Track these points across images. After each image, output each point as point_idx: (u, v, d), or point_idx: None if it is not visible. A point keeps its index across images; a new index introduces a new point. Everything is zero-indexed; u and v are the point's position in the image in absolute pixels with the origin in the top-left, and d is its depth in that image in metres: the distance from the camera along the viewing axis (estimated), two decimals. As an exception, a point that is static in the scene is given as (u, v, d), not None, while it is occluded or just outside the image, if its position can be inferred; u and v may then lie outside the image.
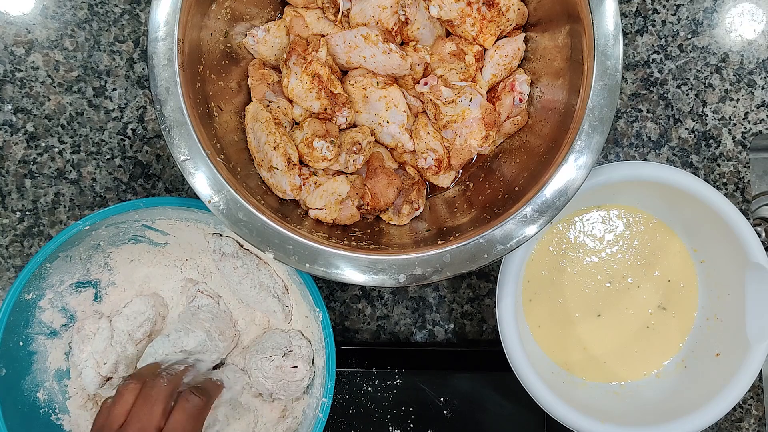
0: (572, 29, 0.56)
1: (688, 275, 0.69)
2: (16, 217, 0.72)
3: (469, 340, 0.74)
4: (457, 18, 0.60)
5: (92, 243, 0.63)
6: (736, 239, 0.63)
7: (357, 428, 0.70)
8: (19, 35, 0.72)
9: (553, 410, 0.61)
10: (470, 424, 0.70)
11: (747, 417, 0.73)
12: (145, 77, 0.73)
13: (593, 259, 0.69)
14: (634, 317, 0.69)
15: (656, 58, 0.74)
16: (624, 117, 0.74)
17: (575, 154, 0.53)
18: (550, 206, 0.53)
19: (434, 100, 0.61)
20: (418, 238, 0.59)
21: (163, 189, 0.73)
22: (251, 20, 0.63)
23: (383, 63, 0.60)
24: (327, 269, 0.53)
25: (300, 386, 0.64)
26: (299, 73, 0.59)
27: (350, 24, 0.62)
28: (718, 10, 0.74)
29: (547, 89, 0.61)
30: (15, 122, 0.72)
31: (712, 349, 0.66)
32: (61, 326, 0.64)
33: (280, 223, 0.54)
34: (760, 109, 0.74)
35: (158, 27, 0.53)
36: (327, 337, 0.61)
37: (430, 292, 0.74)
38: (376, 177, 0.62)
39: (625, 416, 0.64)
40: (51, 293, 0.63)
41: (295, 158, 0.60)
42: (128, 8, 0.73)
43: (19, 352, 0.61)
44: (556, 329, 0.69)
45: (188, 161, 0.53)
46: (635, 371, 0.69)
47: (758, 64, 0.73)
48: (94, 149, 0.72)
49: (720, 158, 0.74)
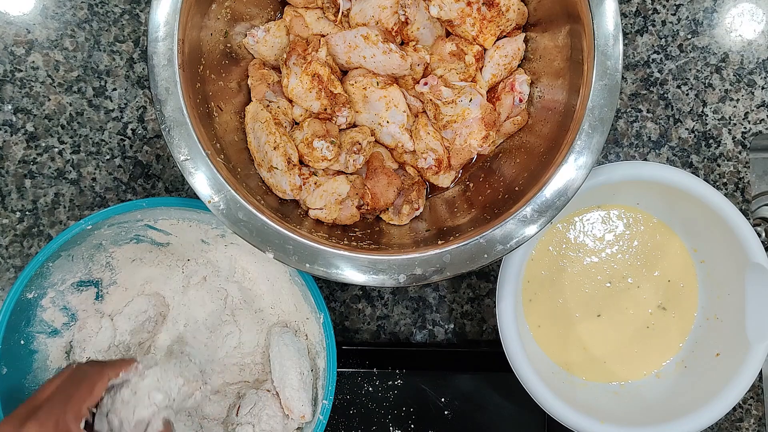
0: (572, 29, 0.56)
1: (688, 275, 0.69)
2: (16, 217, 0.72)
3: (469, 340, 0.74)
4: (457, 18, 0.60)
5: (94, 242, 0.63)
6: (736, 239, 0.63)
7: (358, 428, 0.70)
8: (19, 35, 0.72)
9: (553, 410, 0.61)
10: (471, 424, 0.70)
11: (747, 417, 0.73)
12: (145, 77, 0.73)
13: (593, 259, 0.69)
14: (634, 317, 0.69)
15: (656, 58, 0.74)
16: (624, 117, 0.74)
17: (575, 154, 0.53)
18: (550, 206, 0.53)
19: (434, 100, 0.61)
20: (418, 238, 0.59)
21: (163, 189, 0.73)
22: (251, 20, 0.63)
23: (383, 63, 0.60)
24: (327, 269, 0.53)
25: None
26: (299, 73, 0.59)
27: (350, 24, 0.62)
28: (718, 10, 0.74)
29: (547, 89, 0.61)
30: (15, 122, 0.72)
31: (712, 349, 0.66)
32: (63, 325, 0.64)
33: (280, 223, 0.54)
34: (760, 109, 0.74)
35: (158, 27, 0.53)
36: (328, 339, 0.61)
37: (430, 292, 0.74)
38: (376, 177, 0.62)
39: (625, 416, 0.64)
40: (52, 292, 0.63)
41: (295, 158, 0.60)
42: (128, 8, 0.73)
43: (21, 350, 0.61)
44: (556, 329, 0.69)
45: (188, 161, 0.53)
46: (635, 371, 0.69)
47: (758, 64, 0.73)
48: (94, 149, 0.72)
49: (720, 158, 0.74)
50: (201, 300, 0.68)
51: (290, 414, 0.62)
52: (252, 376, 0.66)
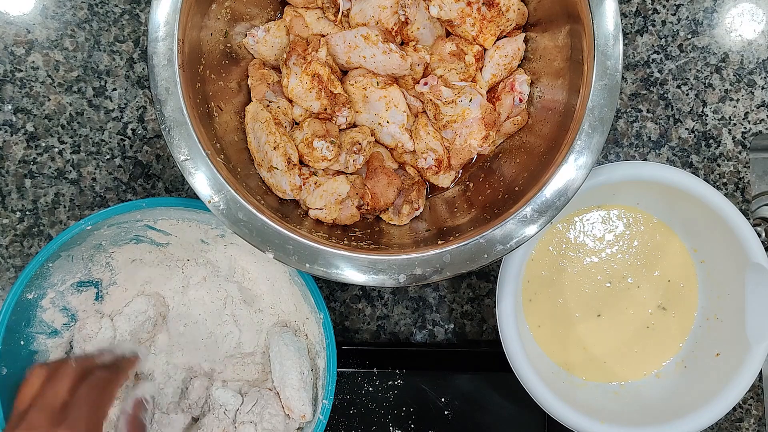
0: (572, 29, 0.56)
1: (688, 275, 0.69)
2: (16, 217, 0.72)
3: (469, 340, 0.74)
4: (457, 18, 0.60)
5: (94, 243, 0.63)
6: (736, 239, 0.63)
7: (358, 428, 0.70)
8: (19, 35, 0.72)
9: (553, 410, 0.61)
10: (471, 424, 0.70)
11: (747, 417, 0.73)
12: (145, 77, 0.73)
13: (593, 259, 0.69)
14: (634, 317, 0.69)
15: (656, 58, 0.74)
16: (624, 117, 0.74)
17: (575, 154, 0.53)
18: (550, 206, 0.53)
19: (434, 100, 0.61)
20: (418, 238, 0.59)
21: (163, 189, 0.73)
22: (251, 20, 0.63)
23: (383, 63, 0.60)
24: (327, 269, 0.53)
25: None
26: (299, 73, 0.59)
27: (350, 24, 0.62)
28: (718, 10, 0.74)
29: (547, 89, 0.61)
30: (15, 122, 0.72)
31: (712, 349, 0.66)
32: (62, 326, 0.64)
33: (280, 223, 0.54)
34: (760, 109, 0.74)
35: (158, 27, 0.53)
36: (328, 339, 0.61)
37: (430, 292, 0.74)
38: (376, 177, 0.62)
39: (625, 416, 0.64)
40: (52, 292, 0.63)
41: (295, 158, 0.60)
42: (128, 8, 0.73)
43: (20, 351, 0.61)
44: (556, 329, 0.69)
45: (188, 161, 0.53)
46: (635, 371, 0.69)
47: (758, 64, 0.73)
48: (94, 149, 0.72)
49: (720, 158, 0.74)
50: (201, 300, 0.68)
51: (290, 414, 0.62)
52: (252, 376, 0.66)
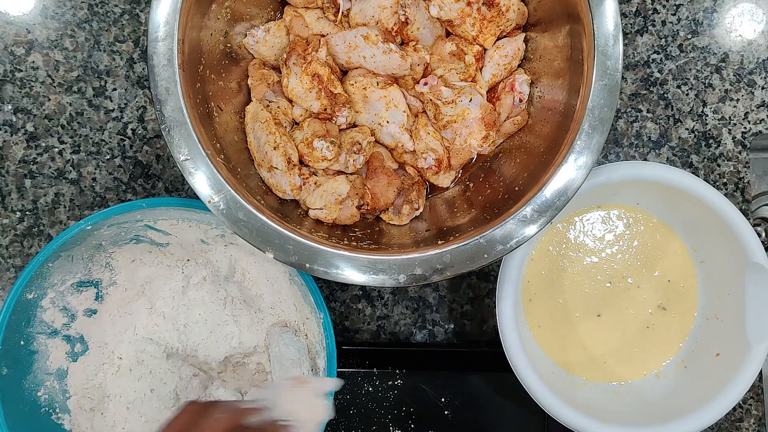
0: (572, 29, 0.56)
1: (688, 275, 0.69)
2: (16, 217, 0.72)
3: (469, 340, 0.74)
4: (457, 18, 0.60)
5: (94, 243, 0.63)
6: (736, 239, 0.63)
7: (358, 428, 0.70)
8: (19, 35, 0.72)
9: (553, 410, 0.61)
10: (471, 424, 0.70)
11: (747, 417, 0.73)
12: (145, 77, 0.73)
13: (593, 259, 0.69)
14: (634, 317, 0.69)
15: (656, 58, 0.74)
16: (624, 117, 0.74)
17: (575, 154, 0.53)
18: (550, 206, 0.53)
19: (434, 100, 0.61)
20: (418, 238, 0.59)
21: (163, 189, 0.73)
22: (251, 20, 0.63)
23: (383, 63, 0.60)
24: (327, 269, 0.53)
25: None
26: (299, 73, 0.59)
27: (350, 24, 0.62)
28: (718, 10, 0.74)
29: (547, 89, 0.61)
30: (15, 122, 0.72)
31: (712, 349, 0.66)
32: (62, 326, 0.64)
33: (280, 223, 0.54)
34: (760, 109, 0.74)
35: (158, 27, 0.53)
36: (328, 339, 0.61)
37: (430, 292, 0.74)
38: (376, 177, 0.62)
39: (625, 416, 0.64)
40: (52, 292, 0.63)
41: (295, 158, 0.60)
42: (128, 8, 0.73)
43: (20, 351, 0.61)
44: (556, 329, 0.69)
45: (188, 161, 0.53)
46: (635, 371, 0.69)
47: (758, 64, 0.73)
48: (94, 149, 0.72)
49: (720, 158, 0.74)
50: (201, 300, 0.68)
51: None
52: (252, 375, 0.66)
